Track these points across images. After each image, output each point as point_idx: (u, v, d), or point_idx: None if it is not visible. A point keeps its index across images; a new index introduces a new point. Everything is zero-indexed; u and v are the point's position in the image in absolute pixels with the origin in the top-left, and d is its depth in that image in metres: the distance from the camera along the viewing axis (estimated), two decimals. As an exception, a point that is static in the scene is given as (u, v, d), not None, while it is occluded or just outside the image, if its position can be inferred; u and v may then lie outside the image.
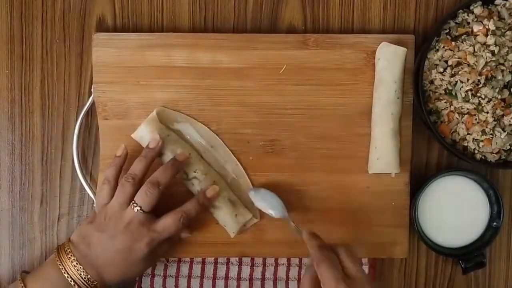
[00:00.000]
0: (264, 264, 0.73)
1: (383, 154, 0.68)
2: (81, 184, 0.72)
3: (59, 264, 0.63)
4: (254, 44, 0.71)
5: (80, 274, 0.63)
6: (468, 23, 0.69)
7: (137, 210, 0.63)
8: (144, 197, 0.64)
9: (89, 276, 0.63)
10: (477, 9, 0.69)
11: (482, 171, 0.73)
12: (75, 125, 0.71)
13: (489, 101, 0.67)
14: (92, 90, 0.71)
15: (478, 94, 0.67)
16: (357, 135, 0.71)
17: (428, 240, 0.72)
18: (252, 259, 0.73)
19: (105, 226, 0.64)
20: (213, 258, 0.73)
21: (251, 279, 0.73)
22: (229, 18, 0.73)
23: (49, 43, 0.73)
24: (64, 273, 0.63)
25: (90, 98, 0.71)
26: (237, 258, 0.73)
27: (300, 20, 0.73)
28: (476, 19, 0.69)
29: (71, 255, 0.63)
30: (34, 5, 0.72)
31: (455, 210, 0.72)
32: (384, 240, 0.72)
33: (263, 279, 0.73)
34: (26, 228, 0.73)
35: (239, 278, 0.73)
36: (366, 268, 0.73)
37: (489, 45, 0.67)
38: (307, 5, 0.73)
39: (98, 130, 0.71)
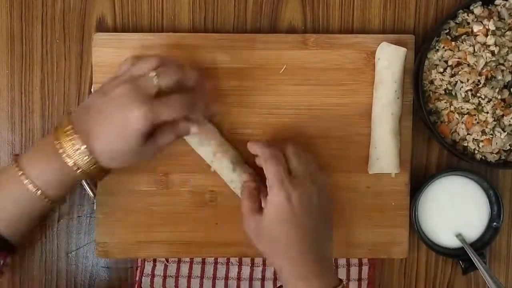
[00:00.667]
0: (264, 264, 0.73)
1: (383, 154, 0.68)
2: (81, 184, 0.72)
3: (57, 144, 0.58)
4: (254, 44, 0.70)
5: (76, 148, 0.57)
6: (468, 23, 0.69)
7: (155, 80, 0.58)
8: (167, 72, 0.59)
9: (84, 148, 0.57)
10: (477, 9, 0.69)
11: (482, 171, 0.73)
12: (75, 125, 0.71)
13: (489, 101, 0.67)
14: (92, 90, 0.71)
15: (478, 94, 0.67)
16: (357, 135, 0.71)
17: (428, 240, 0.72)
18: (252, 259, 0.73)
19: (111, 88, 0.58)
20: (213, 258, 0.73)
21: (251, 279, 0.73)
22: (229, 18, 0.73)
23: (49, 43, 0.73)
24: (63, 155, 0.57)
25: (90, 98, 0.71)
26: (237, 258, 0.73)
27: (300, 20, 0.73)
28: (476, 19, 0.69)
29: (69, 128, 0.58)
30: (34, 5, 0.72)
31: (455, 210, 0.72)
32: (384, 240, 0.72)
33: (263, 279, 0.73)
34: (26, 228, 0.73)
35: (239, 278, 0.73)
36: (366, 268, 0.73)
37: (489, 45, 0.67)
38: (307, 5, 0.73)
39: (98, 130, 0.71)
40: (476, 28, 0.68)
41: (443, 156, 0.74)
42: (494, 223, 0.72)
